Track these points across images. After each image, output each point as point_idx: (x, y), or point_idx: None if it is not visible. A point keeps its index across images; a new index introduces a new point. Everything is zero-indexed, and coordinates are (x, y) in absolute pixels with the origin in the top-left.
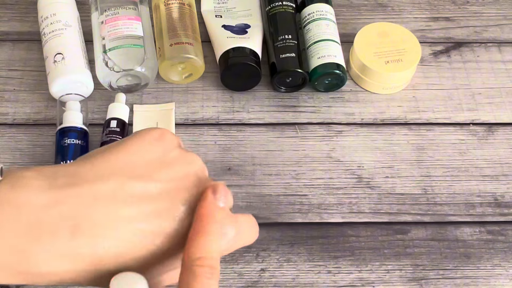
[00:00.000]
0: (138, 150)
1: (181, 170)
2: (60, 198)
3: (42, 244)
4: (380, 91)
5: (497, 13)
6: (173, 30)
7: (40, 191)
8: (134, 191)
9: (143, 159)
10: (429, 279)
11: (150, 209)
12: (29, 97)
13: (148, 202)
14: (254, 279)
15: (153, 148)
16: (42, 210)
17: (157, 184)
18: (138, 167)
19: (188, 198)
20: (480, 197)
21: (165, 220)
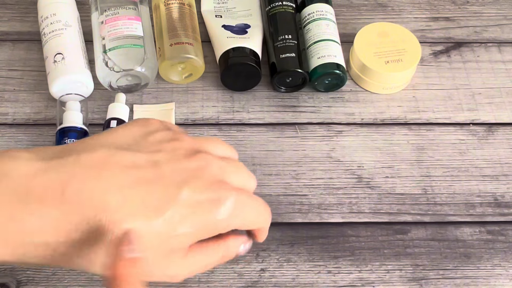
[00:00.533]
0: (125, 132)
1: (168, 145)
2: (48, 167)
3: (32, 211)
4: (380, 91)
5: (497, 13)
6: (173, 30)
7: (29, 162)
8: (123, 160)
9: (129, 137)
10: (429, 279)
11: (138, 176)
12: (29, 97)
13: (135, 170)
14: (254, 279)
15: (140, 129)
16: (31, 178)
17: (142, 155)
18: (126, 141)
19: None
20: (480, 197)
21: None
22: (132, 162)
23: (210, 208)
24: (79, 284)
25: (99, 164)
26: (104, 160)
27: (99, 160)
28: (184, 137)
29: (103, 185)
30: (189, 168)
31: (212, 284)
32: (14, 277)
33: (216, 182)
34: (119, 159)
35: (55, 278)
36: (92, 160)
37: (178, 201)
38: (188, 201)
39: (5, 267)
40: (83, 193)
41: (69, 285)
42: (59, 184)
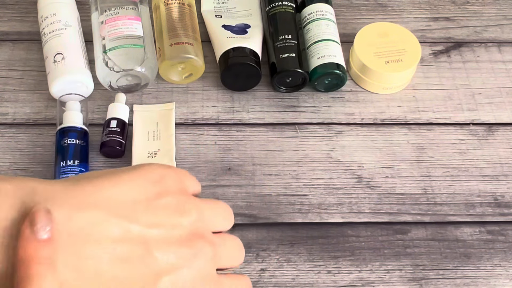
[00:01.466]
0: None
1: (167, 219)
2: None
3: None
4: (380, 91)
5: (497, 13)
6: (173, 30)
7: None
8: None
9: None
10: (429, 279)
11: (124, 252)
12: (29, 97)
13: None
14: (254, 279)
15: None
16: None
17: (139, 227)
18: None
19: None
20: (480, 197)
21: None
22: (123, 233)
23: None
24: None
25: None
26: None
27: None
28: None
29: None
30: (180, 255)
31: None
32: None
33: (204, 275)
34: (111, 229)
35: None
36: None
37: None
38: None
39: None
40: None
41: None
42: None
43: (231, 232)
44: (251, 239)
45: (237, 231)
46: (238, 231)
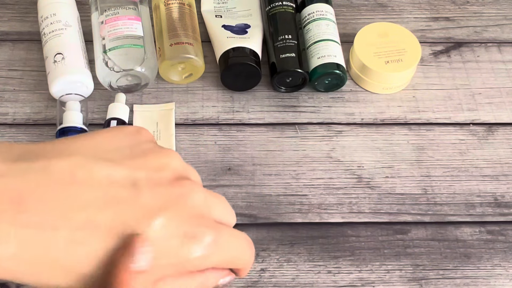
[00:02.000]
0: (108, 138)
1: (154, 162)
2: (6, 171)
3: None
4: (380, 91)
5: (497, 13)
6: (173, 30)
7: None
8: (97, 173)
9: (111, 145)
10: (429, 279)
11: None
12: (29, 97)
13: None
14: (254, 279)
15: (127, 137)
16: None
17: (122, 170)
18: (104, 151)
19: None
20: (480, 197)
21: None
22: (107, 176)
23: (183, 244)
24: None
25: (68, 175)
26: (74, 171)
27: (69, 170)
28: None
29: (68, 201)
30: (170, 194)
31: None
32: None
33: (196, 216)
34: (93, 171)
35: None
36: (61, 169)
37: (148, 231)
38: (160, 233)
39: None
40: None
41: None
42: (17, 193)
43: None
44: (251, 239)
45: None
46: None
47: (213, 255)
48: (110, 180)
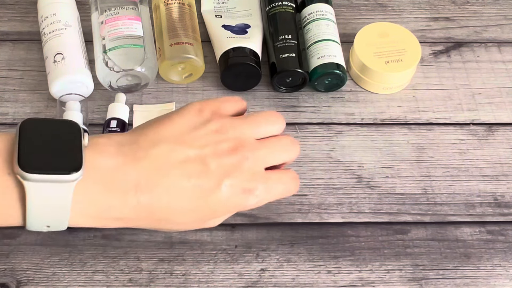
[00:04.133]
0: (181, 122)
1: (215, 138)
2: (125, 162)
3: (115, 198)
4: (380, 91)
5: (497, 13)
6: (173, 30)
7: (112, 157)
8: (180, 156)
9: (184, 128)
10: (429, 279)
11: (189, 170)
12: (29, 97)
13: (188, 164)
14: (254, 279)
15: (194, 119)
16: (114, 171)
17: (194, 150)
18: (180, 135)
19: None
20: (480, 197)
21: (202, 179)
22: (186, 157)
23: (243, 196)
24: (79, 284)
25: (162, 160)
26: (165, 156)
27: (161, 155)
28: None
29: (166, 177)
30: (229, 163)
31: (212, 284)
32: (14, 277)
33: (250, 174)
34: (177, 155)
35: (55, 278)
36: (156, 157)
37: (218, 191)
38: (227, 192)
39: (5, 267)
40: (150, 183)
41: (69, 285)
42: (135, 177)
43: (232, 231)
44: (251, 239)
45: (237, 231)
46: (238, 231)
47: (266, 198)
48: (187, 159)
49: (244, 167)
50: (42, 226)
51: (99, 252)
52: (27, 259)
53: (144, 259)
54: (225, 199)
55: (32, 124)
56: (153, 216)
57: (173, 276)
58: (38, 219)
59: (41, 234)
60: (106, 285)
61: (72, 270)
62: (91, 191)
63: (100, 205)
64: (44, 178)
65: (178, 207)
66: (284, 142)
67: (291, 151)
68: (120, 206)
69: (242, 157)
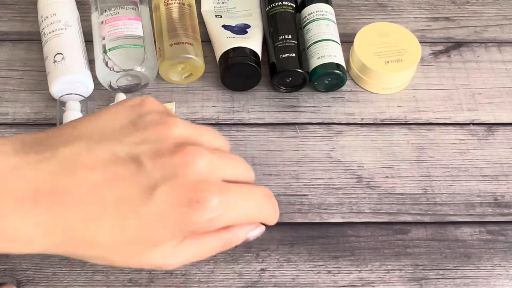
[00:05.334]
0: (111, 117)
1: (154, 133)
2: (22, 164)
3: (7, 209)
4: (380, 91)
5: (497, 13)
6: (173, 30)
7: (6, 157)
8: (100, 155)
9: (114, 124)
10: (429, 279)
11: (114, 171)
12: (29, 97)
13: (113, 164)
14: (254, 279)
15: (128, 113)
16: (6, 175)
17: (124, 147)
18: (106, 132)
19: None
20: (480, 197)
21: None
22: (110, 157)
23: (185, 210)
24: (79, 284)
25: (74, 161)
26: (79, 156)
27: (74, 156)
28: (175, 122)
29: (77, 183)
30: (171, 164)
31: (212, 284)
32: (14, 277)
33: (200, 181)
34: (96, 154)
35: (55, 278)
36: (68, 156)
37: (152, 201)
38: (163, 203)
39: (5, 267)
40: (57, 193)
41: (69, 285)
42: (33, 182)
43: None
44: None
45: None
46: None
47: (225, 215)
48: (114, 159)
49: (191, 172)
50: None
51: None
52: (27, 259)
53: None
54: (161, 212)
55: None
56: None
57: (173, 276)
58: None
59: None
60: (106, 285)
61: (72, 270)
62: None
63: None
64: None
65: (97, 224)
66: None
67: (247, 167)
68: (20, 222)
69: (190, 157)
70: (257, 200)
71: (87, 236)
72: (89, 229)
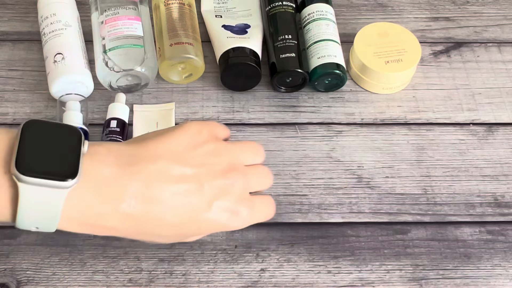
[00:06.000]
0: (181, 139)
1: (211, 159)
2: (123, 173)
3: (107, 207)
4: (380, 91)
5: (497, 13)
6: (173, 30)
7: (110, 166)
8: (175, 173)
9: (184, 146)
10: (429, 279)
11: (185, 188)
12: (29, 97)
13: (184, 182)
14: (254, 279)
15: (193, 137)
16: (111, 181)
17: (191, 169)
18: (179, 153)
19: (215, 184)
20: (480, 197)
21: (195, 197)
22: (181, 174)
23: (229, 218)
24: (79, 284)
25: (159, 175)
26: (163, 172)
27: (159, 172)
28: (223, 149)
29: (162, 192)
30: (221, 185)
31: (212, 284)
32: (14, 277)
33: (238, 197)
34: (173, 172)
35: (55, 278)
36: (155, 172)
37: (209, 211)
38: (216, 212)
39: (5, 267)
40: (144, 197)
41: (69, 285)
42: (130, 189)
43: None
44: (251, 239)
45: (237, 231)
46: (238, 231)
47: (248, 222)
48: (183, 177)
49: (234, 190)
50: (31, 227)
51: (99, 252)
52: (27, 259)
53: (144, 259)
54: (212, 219)
55: (35, 126)
56: (141, 228)
57: (173, 276)
58: (27, 220)
59: (41, 235)
60: (106, 285)
61: (72, 270)
62: (84, 198)
63: (90, 213)
64: (39, 182)
65: (167, 222)
66: (264, 170)
67: (269, 179)
68: (111, 215)
69: (234, 180)
70: (268, 209)
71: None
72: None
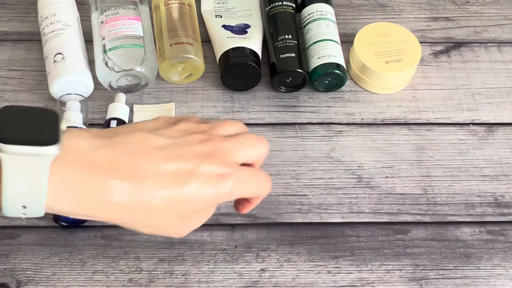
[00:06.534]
0: (157, 120)
1: (189, 132)
2: (103, 144)
3: (96, 178)
4: (380, 91)
5: (497, 13)
6: (173, 30)
7: (89, 139)
8: (155, 142)
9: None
10: (429, 279)
11: (166, 155)
12: (29, 97)
13: (164, 150)
14: (254, 279)
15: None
16: (93, 151)
17: (169, 139)
18: (156, 128)
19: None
20: (480, 197)
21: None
22: (162, 144)
23: (217, 182)
24: (79, 284)
25: (138, 144)
26: (141, 141)
27: (138, 141)
28: (201, 125)
29: (143, 159)
30: (202, 151)
31: (212, 284)
32: (14, 277)
33: (224, 161)
34: (152, 141)
35: (55, 278)
36: (133, 141)
37: (196, 176)
38: (203, 176)
39: (5, 267)
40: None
41: (69, 285)
42: (112, 158)
43: (232, 231)
44: (251, 239)
45: (237, 231)
46: (238, 231)
47: (238, 191)
48: (164, 146)
49: (217, 155)
50: (19, 207)
51: (99, 252)
52: (27, 259)
53: (144, 259)
54: (201, 184)
55: (13, 107)
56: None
57: (173, 276)
58: (13, 196)
59: (41, 234)
60: (106, 285)
61: (72, 270)
62: (70, 172)
63: (81, 187)
64: (21, 150)
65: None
66: (251, 136)
67: (259, 145)
68: (102, 186)
69: (214, 146)
70: (259, 181)
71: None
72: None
